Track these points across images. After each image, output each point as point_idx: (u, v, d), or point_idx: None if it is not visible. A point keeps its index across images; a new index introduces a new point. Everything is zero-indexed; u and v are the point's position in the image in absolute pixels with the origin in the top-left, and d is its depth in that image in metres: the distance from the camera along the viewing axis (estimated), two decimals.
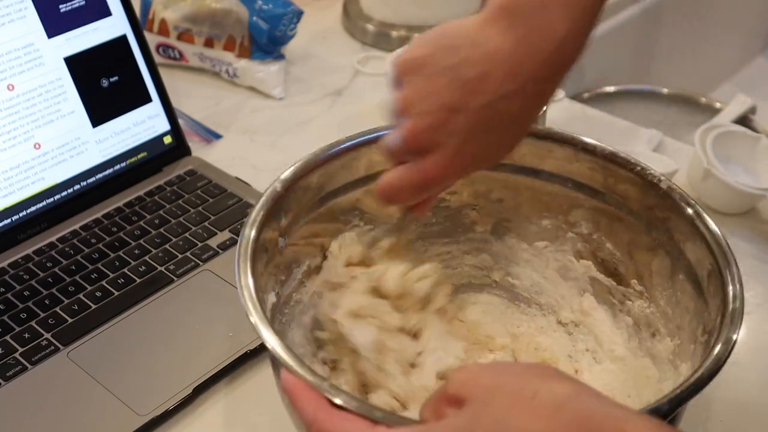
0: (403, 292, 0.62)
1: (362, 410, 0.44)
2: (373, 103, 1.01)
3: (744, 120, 1.06)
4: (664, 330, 0.60)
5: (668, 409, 0.46)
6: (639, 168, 0.61)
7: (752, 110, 1.06)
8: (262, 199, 0.58)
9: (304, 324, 0.62)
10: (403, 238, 0.67)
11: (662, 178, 0.60)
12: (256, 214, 0.57)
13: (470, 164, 0.55)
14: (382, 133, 0.63)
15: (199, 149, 0.92)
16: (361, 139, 0.64)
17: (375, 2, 1.13)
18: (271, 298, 0.58)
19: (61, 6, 0.79)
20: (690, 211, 0.58)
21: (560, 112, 0.98)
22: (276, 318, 0.58)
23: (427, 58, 0.52)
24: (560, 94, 0.95)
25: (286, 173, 0.60)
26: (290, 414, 0.52)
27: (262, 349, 0.68)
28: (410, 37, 1.10)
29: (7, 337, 0.68)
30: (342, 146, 0.63)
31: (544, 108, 0.53)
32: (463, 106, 0.51)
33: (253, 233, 0.56)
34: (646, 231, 0.61)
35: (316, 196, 0.63)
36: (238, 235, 0.78)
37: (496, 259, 0.71)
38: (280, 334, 0.55)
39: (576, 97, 1.21)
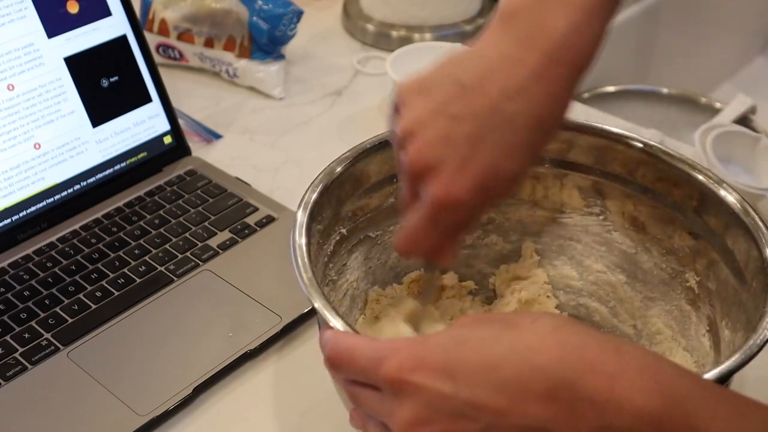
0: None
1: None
2: (373, 103, 1.01)
3: (744, 120, 1.06)
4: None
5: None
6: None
7: (752, 110, 1.06)
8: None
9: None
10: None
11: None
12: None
13: (482, 181, 0.49)
14: None
15: (199, 149, 0.92)
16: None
17: (375, 2, 1.13)
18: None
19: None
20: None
21: None
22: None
23: (428, 77, 0.50)
24: None
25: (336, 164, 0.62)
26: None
27: (262, 349, 0.68)
28: (410, 36, 1.10)
29: (7, 337, 0.68)
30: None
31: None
32: (465, 112, 0.48)
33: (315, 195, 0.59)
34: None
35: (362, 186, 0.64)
36: (238, 235, 0.78)
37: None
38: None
39: (576, 97, 1.20)
